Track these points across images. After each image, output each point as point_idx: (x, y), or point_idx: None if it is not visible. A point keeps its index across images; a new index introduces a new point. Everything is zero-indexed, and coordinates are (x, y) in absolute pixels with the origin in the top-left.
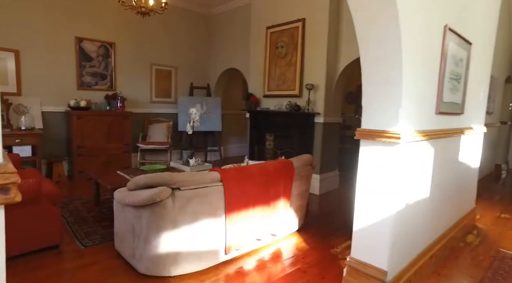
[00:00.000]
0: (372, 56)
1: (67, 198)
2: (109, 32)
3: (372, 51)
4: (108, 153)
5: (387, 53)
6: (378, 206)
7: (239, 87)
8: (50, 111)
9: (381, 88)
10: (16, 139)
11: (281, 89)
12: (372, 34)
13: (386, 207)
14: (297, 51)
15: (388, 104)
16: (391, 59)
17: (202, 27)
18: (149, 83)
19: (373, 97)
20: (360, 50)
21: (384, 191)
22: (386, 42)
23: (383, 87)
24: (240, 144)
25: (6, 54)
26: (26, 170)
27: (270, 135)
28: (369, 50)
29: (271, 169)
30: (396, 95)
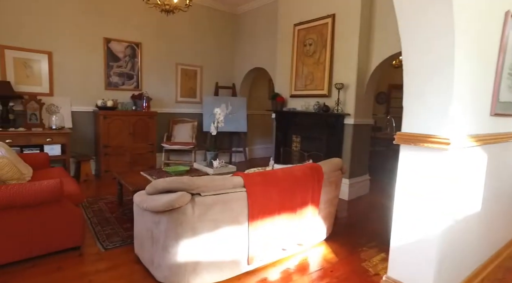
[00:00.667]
0: (418, 50)
1: (92, 198)
2: (136, 33)
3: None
4: (133, 152)
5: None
6: (421, 219)
7: (265, 87)
8: (79, 111)
9: (427, 87)
10: (47, 139)
11: (309, 89)
12: (420, 24)
13: (431, 221)
14: (326, 48)
15: (435, 105)
16: (441, 53)
17: (228, 26)
18: (175, 83)
19: (417, 96)
20: (403, 44)
21: (428, 203)
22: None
23: (430, 86)
24: (265, 145)
25: (40, 56)
26: (53, 168)
27: (297, 137)
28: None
29: (298, 174)
30: (445, 95)
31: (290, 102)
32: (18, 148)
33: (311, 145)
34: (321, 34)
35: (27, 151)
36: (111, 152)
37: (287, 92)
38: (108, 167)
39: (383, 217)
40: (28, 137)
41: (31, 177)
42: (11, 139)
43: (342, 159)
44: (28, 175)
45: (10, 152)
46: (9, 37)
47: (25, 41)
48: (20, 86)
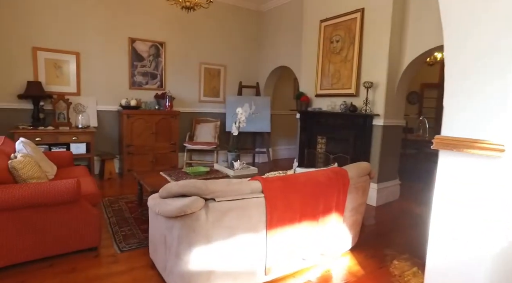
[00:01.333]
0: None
1: (113, 197)
2: (160, 32)
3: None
4: (156, 152)
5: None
6: (466, 239)
7: (290, 86)
8: (104, 110)
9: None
10: (73, 137)
11: (335, 88)
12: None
13: (479, 242)
14: (354, 45)
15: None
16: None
17: (252, 24)
18: (198, 82)
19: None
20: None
21: (475, 220)
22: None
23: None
24: (289, 145)
25: (69, 57)
26: (76, 167)
27: (322, 138)
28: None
29: (322, 179)
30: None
31: (315, 102)
32: (47, 146)
33: (337, 147)
34: (349, 30)
35: (55, 149)
36: (134, 151)
37: (312, 91)
38: (131, 166)
39: (416, 225)
40: (56, 136)
41: (54, 175)
42: (40, 137)
43: (370, 162)
44: (51, 173)
45: (36, 150)
46: (41, 39)
47: (56, 42)
48: (50, 86)
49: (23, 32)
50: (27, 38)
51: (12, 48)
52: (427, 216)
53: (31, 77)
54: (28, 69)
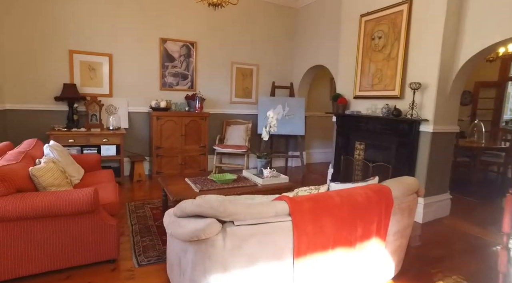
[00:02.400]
0: None
1: (140, 201)
2: (191, 32)
3: None
4: (185, 154)
5: None
6: None
7: (326, 86)
8: (135, 111)
9: None
10: (103, 139)
11: (376, 89)
12: None
13: None
14: (399, 41)
15: None
16: None
17: (286, 22)
18: (229, 83)
19: None
20: None
21: None
22: None
23: None
24: (324, 149)
25: (102, 59)
26: (102, 171)
27: (360, 144)
28: None
29: (360, 199)
30: None
31: (354, 104)
32: (79, 147)
33: (377, 154)
34: (393, 25)
35: (86, 150)
36: (163, 153)
37: (350, 93)
38: (160, 168)
39: (472, 250)
40: (87, 138)
41: (80, 179)
42: (73, 139)
43: (415, 173)
44: (77, 178)
45: (64, 154)
46: (77, 42)
47: (90, 45)
48: (84, 88)
49: (61, 36)
50: (64, 41)
51: (51, 51)
52: (486, 239)
53: (67, 80)
54: (64, 72)
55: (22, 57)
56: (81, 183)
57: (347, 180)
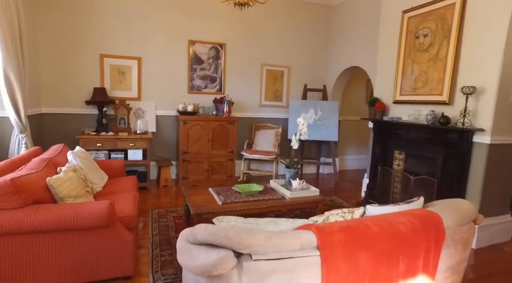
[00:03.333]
0: None
1: (163, 208)
2: (220, 33)
3: None
4: (212, 160)
5: None
6: None
7: (362, 88)
8: (163, 115)
9: None
10: (130, 143)
11: (420, 94)
12: None
13: None
14: (449, 40)
15: None
16: None
17: (319, 20)
18: (259, 86)
19: None
20: None
21: None
22: None
23: None
24: (358, 155)
25: (131, 62)
26: (126, 178)
27: (400, 153)
28: None
29: (403, 229)
30: None
31: (393, 109)
32: (106, 151)
33: (419, 166)
34: (442, 21)
35: (113, 154)
36: (189, 159)
37: (389, 97)
38: (187, 174)
39: None
40: (115, 142)
41: (102, 186)
42: (100, 143)
43: (467, 189)
44: (99, 185)
45: (87, 160)
46: (108, 46)
47: (120, 48)
48: (114, 91)
49: (93, 41)
50: (96, 46)
51: (83, 56)
52: None
53: (97, 84)
54: (95, 76)
55: (56, 62)
56: (102, 191)
57: (384, 193)
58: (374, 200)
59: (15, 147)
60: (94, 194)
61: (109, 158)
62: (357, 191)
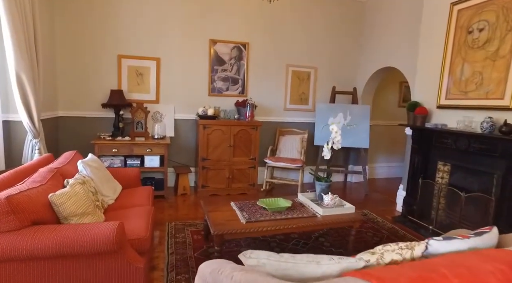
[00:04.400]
0: None
1: (181, 221)
2: (242, 32)
3: None
4: (233, 167)
5: None
6: None
7: (394, 91)
8: (182, 118)
9: None
10: (147, 149)
11: (472, 97)
12: None
13: None
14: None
15: None
16: None
17: (349, 17)
18: (284, 88)
19: None
20: None
21: None
22: None
23: None
24: (388, 163)
25: (150, 63)
26: (141, 189)
27: (445, 165)
28: None
29: (493, 281)
30: None
31: (437, 115)
32: (122, 157)
33: (469, 180)
34: (506, 11)
35: (129, 161)
36: (209, 165)
37: (432, 101)
38: (206, 182)
39: None
40: (131, 148)
41: (115, 199)
42: (116, 149)
43: None
44: (112, 198)
45: (99, 170)
46: (125, 46)
47: (138, 49)
48: (131, 94)
49: (110, 41)
50: (113, 46)
51: (100, 57)
52: None
53: (115, 86)
54: (113, 78)
55: (73, 64)
56: (114, 205)
57: (425, 209)
58: (413, 216)
59: (29, 152)
60: (105, 207)
61: (125, 165)
62: (391, 204)
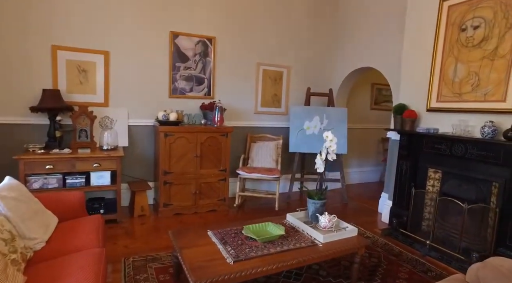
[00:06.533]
0: None
1: (142, 255)
2: (209, 25)
3: None
4: (200, 181)
5: None
6: None
7: (365, 93)
8: (137, 124)
9: None
10: (93, 164)
11: (468, 100)
12: None
13: None
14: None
15: None
16: None
17: (324, 14)
18: (255, 89)
19: None
20: None
21: None
22: None
23: None
24: (361, 168)
25: (96, 57)
26: (87, 220)
27: (436, 171)
28: None
29: None
30: None
31: (427, 118)
32: (60, 175)
33: (464, 188)
34: (506, 7)
35: (70, 179)
36: (173, 180)
37: (421, 103)
38: (169, 199)
39: None
40: (72, 163)
41: (46, 241)
42: (51, 165)
43: None
44: (40, 240)
45: (21, 201)
46: (62, 35)
47: (80, 39)
48: (72, 95)
49: (41, 27)
50: (46, 34)
51: (28, 47)
52: None
53: (49, 84)
54: (45, 74)
55: None
56: (44, 251)
57: (417, 221)
58: (404, 229)
59: None
60: (29, 257)
61: (64, 185)
62: (373, 214)
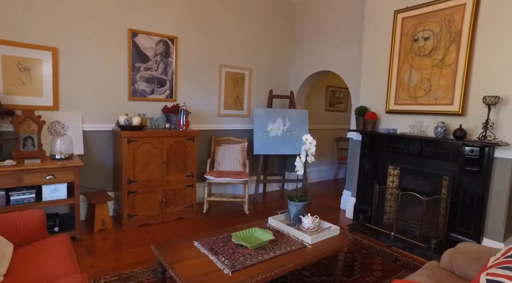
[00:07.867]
0: None
1: (114, 274)
2: (170, 24)
3: None
4: (167, 188)
5: None
6: None
7: (320, 95)
8: (93, 130)
9: None
10: (46, 176)
11: (422, 103)
12: None
13: None
14: (459, 44)
15: None
16: None
17: (284, 18)
18: (218, 91)
19: None
20: None
21: None
22: None
23: None
24: (318, 167)
25: (42, 54)
26: (51, 240)
27: (395, 168)
28: None
29: None
30: None
31: (386, 120)
32: (3, 192)
33: (419, 183)
34: (449, 23)
35: (15, 195)
36: (137, 189)
37: (380, 106)
38: (133, 210)
39: None
40: (19, 176)
41: (4, 275)
42: None
43: (488, 210)
44: None
45: None
46: None
47: (21, 32)
48: (12, 97)
49: None
50: None
51: None
52: None
53: None
54: None
55: None
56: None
57: (379, 215)
58: (369, 223)
59: None
60: None
61: (8, 202)
62: (336, 211)
